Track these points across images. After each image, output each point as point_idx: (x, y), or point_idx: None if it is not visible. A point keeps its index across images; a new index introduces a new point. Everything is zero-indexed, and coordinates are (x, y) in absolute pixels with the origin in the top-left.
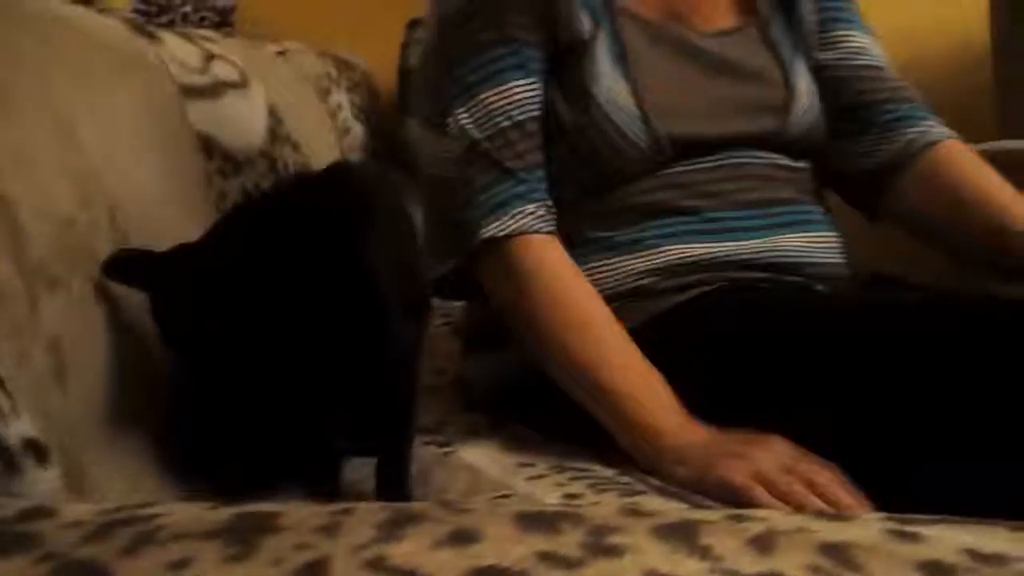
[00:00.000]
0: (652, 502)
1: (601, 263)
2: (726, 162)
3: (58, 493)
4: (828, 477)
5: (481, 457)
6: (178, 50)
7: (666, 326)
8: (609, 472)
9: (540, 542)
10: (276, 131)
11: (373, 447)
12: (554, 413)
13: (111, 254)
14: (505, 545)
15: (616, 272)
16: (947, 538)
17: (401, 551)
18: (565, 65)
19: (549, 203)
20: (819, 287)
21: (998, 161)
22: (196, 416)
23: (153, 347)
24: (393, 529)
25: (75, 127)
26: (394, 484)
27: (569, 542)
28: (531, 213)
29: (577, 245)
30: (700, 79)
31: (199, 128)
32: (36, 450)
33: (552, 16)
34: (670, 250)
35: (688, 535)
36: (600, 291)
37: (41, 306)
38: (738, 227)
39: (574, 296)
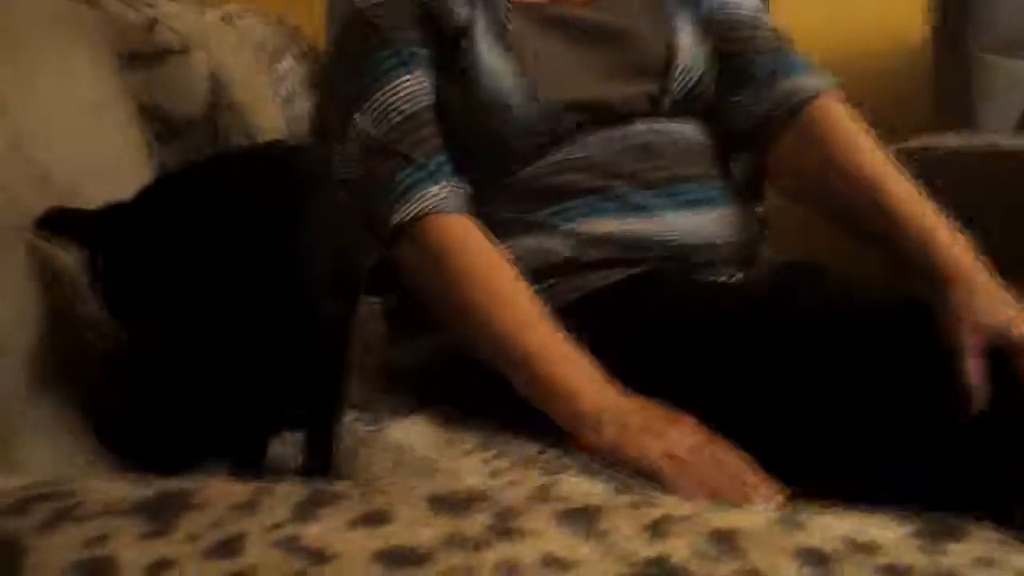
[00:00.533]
0: (574, 479)
1: (517, 243)
2: (632, 141)
3: None
4: (736, 460)
5: (408, 435)
6: (118, 15)
7: (589, 309)
8: (534, 449)
9: (448, 524)
10: (218, 99)
11: (300, 422)
12: (479, 392)
13: (44, 211)
14: (415, 527)
15: (534, 251)
16: (828, 526)
17: (314, 531)
18: (449, 53)
19: (455, 183)
20: (730, 267)
21: (917, 154)
22: (127, 391)
23: (85, 321)
24: (309, 509)
25: (5, 97)
26: (320, 460)
27: (475, 525)
28: (435, 195)
29: (494, 225)
30: (580, 48)
31: (138, 96)
32: None
33: (428, 12)
34: (583, 230)
35: (589, 520)
36: (522, 270)
37: None
38: (647, 205)
39: (485, 269)
